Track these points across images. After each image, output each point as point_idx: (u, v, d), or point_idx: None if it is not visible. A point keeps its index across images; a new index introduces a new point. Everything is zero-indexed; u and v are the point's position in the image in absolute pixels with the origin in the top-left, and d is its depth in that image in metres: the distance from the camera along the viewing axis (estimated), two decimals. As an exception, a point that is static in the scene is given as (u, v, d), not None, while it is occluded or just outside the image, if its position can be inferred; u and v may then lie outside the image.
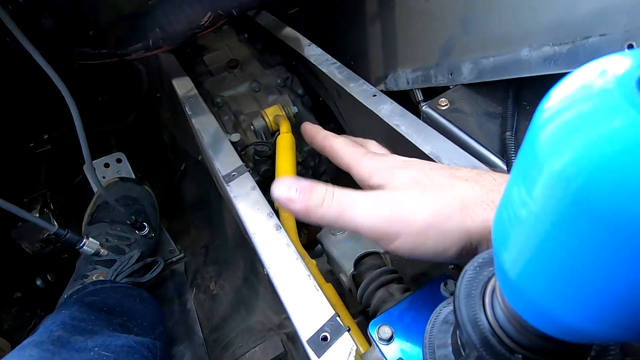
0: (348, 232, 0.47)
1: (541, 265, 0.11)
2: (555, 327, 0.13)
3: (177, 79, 0.78)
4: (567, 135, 0.09)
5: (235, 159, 0.53)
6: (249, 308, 0.76)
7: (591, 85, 0.09)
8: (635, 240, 0.08)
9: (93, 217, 0.75)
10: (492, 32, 0.49)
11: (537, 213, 0.10)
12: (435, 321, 0.26)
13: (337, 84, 0.62)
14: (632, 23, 0.34)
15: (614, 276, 0.09)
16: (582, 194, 0.08)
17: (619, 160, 0.08)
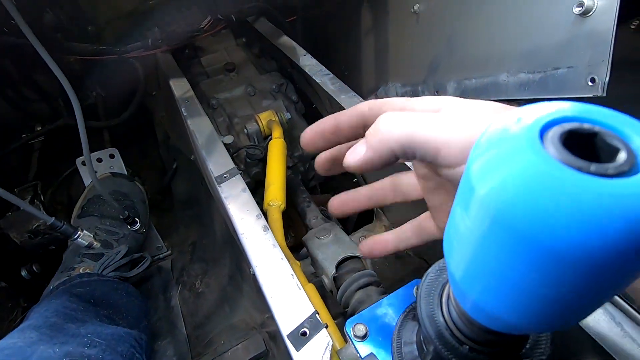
0: (332, 236, 0.50)
1: (475, 270, 0.14)
2: (491, 322, 0.16)
3: (175, 80, 0.79)
4: (488, 169, 0.12)
5: (227, 161, 0.55)
6: (233, 306, 0.78)
7: (508, 130, 0.12)
8: (537, 252, 0.11)
9: (83, 211, 0.76)
10: (475, 55, 0.53)
11: (471, 228, 0.13)
12: (403, 321, 0.29)
13: (329, 94, 0.65)
14: (595, 58, 0.37)
15: (525, 279, 0.12)
16: (497, 214, 0.11)
17: (520, 192, 0.11)
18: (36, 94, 1.05)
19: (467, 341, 0.19)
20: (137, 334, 0.54)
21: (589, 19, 0.37)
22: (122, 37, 1.10)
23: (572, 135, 0.11)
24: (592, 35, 0.37)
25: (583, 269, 0.10)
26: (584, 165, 0.10)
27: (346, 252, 0.46)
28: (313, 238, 0.50)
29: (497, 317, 0.15)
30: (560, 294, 0.12)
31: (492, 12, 0.48)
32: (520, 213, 0.11)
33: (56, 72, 0.54)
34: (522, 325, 0.14)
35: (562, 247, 0.10)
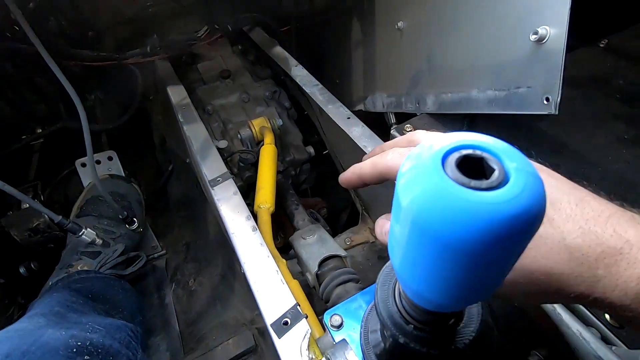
0: (317, 237, 0.54)
1: (407, 263, 0.18)
2: (425, 302, 0.20)
3: (172, 87, 0.83)
4: (407, 186, 0.16)
5: (220, 165, 0.59)
6: (225, 304, 0.81)
7: (421, 155, 0.16)
8: (436, 244, 0.15)
9: (82, 210, 0.80)
10: (450, 72, 0.57)
11: (401, 232, 0.17)
12: (370, 312, 0.33)
13: (318, 105, 0.70)
14: (548, 81, 0.42)
15: (434, 265, 0.16)
16: (413, 219, 0.15)
17: (425, 202, 0.15)
18: (36, 96, 1.08)
19: (412, 321, 0.23)
20: (133, 327, 0.57)
21: (543, 45, 0.41)
22: (121, 43, 1.14)
23: (467, 159, 0.15)
24: (546, 60, 0.41)
25: (465, 255, 0.14)
26: (466, 181, 0.14)
27: (329, 251, 0.50)
28: (299, 238, 0.54)
29: (427, 298, 0.19)
30: (458, 275, 0.16)
31: (464, 33, 0.53)
32: (425, 217, 0.15)
33: (61, 78, 0.58)
34: (444, 303, 0.19)
35: (449, 239, 0.14)
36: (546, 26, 0.41)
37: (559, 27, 0.40)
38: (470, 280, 0.16)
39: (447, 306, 0.19)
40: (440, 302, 0.18)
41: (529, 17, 0.42)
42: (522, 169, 0.14)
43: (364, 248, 0.69)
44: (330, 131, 0.75)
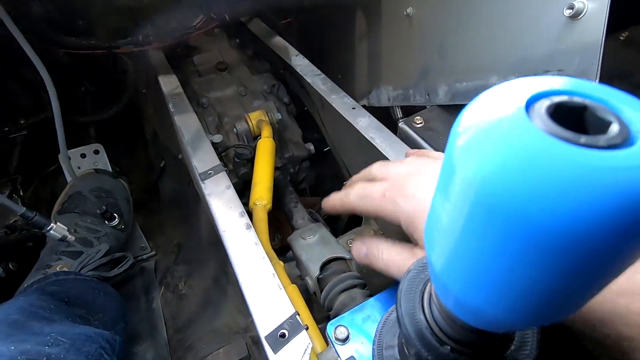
0: (318, 237, 0.49)
1: (457, 260, 0.13)
2: (474, 318, 0.15)
3: (164, 76, 0.78)
4: (472, 147, 0.11)
5: (213, 158, 0.53)
6: (217, 310, 0.76)
7: (495, 100, 0.11)
8: (524, 233, 0.10)
9: (63, 207, 0.74)
10: (465, 60, 0.52)
11: (452, 213, 0.12)
12: (385, 323, 0.27)
13: (320, 95, 0.65)
14: (583, 63, 0.37)
15: (512, 265, 0.11)
16: (479, 193, 0.10)
17: (503, 167, 0.10)
18: (21, 87, 1.03)
19: (448, 341, 0.18)
20: (110, 336, 0.52)
21: (578, 22, 0.37)
22: (114, 33, 1.09)
23: (561, 108, 0.10)
24: (582, 39, 0.36)
25: (575, 250, 0.09)
26: (573, 137, 0.09)
27: (332, 253, 0.45)
28: (298, 238, 0.48)
29: (481, 312, 0.14)
30: (550, 280, 0.11)
31: (484, 16, 0.48)
32: (504, 190, 0.10)
33: (37, 64, 0.53)
34: (507, 320, 0.13)
35: (551, 225, 0.09)
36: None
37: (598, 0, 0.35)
38: (562, 289, 0.11)
39: (510, 324, 0.14)
40: (503, 317, 0.13)
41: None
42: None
43: (367, 251, 0.63)
44: (333, 124, 0.70)
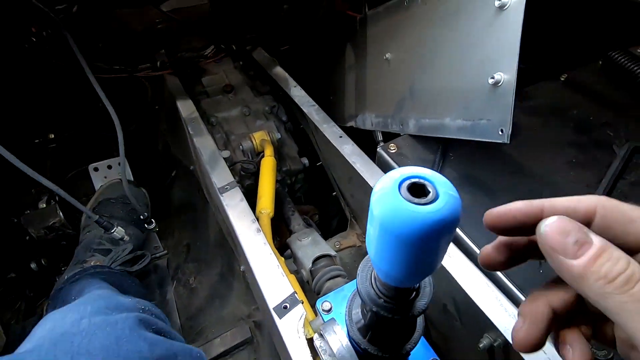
0: (311, 239, 0.63)
1: (378, 252, 0.27)
2: (390, 279, 0.29)
3: (181, 101, 0.91)
4: (377, 203, 0.25)
5: (228, 175, 0.67)
6: (223, 301, 0.89)
7: (386, 181, 0.25)
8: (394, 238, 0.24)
9: (94, 211, 0.87)
10: (428, 101, 0.67)
11: (373, 231, 0.26)
12: (353, 297, 0.41)
13: (314, 123, 0.79)
14: (503, 116, 0.52)
15: (394, 252, 0.25)
16: (382, 223, 0.24)
17: (387, 212, 0.24)
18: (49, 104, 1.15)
19: (383, 297, 0.32)
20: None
21: (498, 88, 0.51)
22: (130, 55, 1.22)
23: (415, 185, 0.24)
24: (500, 100, 0.51)
25: (411, 245, 0.23)
26: (412, 199, 0.23)
27: (321, 251, 0.59)
28: (295, 240, 0.62)
29: (391, 276, 0.28)
30: (408, 259, 0.25)
31: (439, 70, 0.63)
32: (388, 221, 0.24)
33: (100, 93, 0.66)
34: (402, 278, 0.27)
35: (401, 235, 0.23)
36: (501, 72, 0.51)
37: (510, 74, 0.50)
38: (415, 262, 0.25)
39: (405, 281, 0.28)
40: (399, 277, 0.27)
41: (489, 64, 0.52)
42: (447, 191, 0.24)
43: (351, 251, 0.77)
44: (324, 147, 0.84)
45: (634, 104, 0.79)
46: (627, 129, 0.74)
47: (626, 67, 0.82)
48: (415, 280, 0.28)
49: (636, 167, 0.67)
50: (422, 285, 0.32)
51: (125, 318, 0.33)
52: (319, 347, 0.42)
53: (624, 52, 0.84)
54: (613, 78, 0.86)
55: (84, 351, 0.28)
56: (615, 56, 0.85)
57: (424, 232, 0.23)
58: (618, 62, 0.84)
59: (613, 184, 0.63)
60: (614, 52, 0.85)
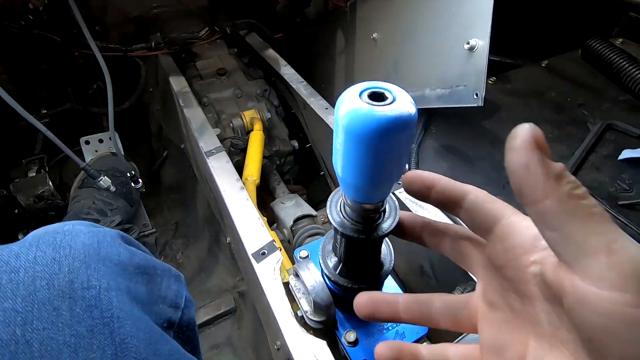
0: (294, 202, 0.64)
1: (345, 163, 0.29)
2: (356, 193, 0.31)
3: (174, 77, 0.93)
4: (343, 111, 0.27)
5: (215, 141, 0.69)
6: (209, 273, 0.90)
7: (349, 92, 0.27)
8: (357, 140, 0.26)
9: (83, 183, 0.88)
10: (411, 75, 0.70)
11: (340, 142, 0.28)
12: (327, 237, 0.43)
13: (302, 98, 0.81)
14: (478, 80, 0.54)
15: (358, 156, 0.27)
16: (346, 129, 0.26)
17: (351, 116, 0.26)
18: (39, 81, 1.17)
19: (349, 219, 0.34)
20: None
21: (474, 53, 0.54)
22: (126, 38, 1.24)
23: (374, 92, 0.27)
24: (476, 64, 0.54)
25: (375, 145, 0.25)
26: (373, 102, 0.25)
27: (303, 212, 0.60)
28: (278, 203, 0.64)
29: (358, 187, 0.30)
30: (372, 162, 0.26)
31: (420, 44, 0.66)
32: (352, 124, 0.26)
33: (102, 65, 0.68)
34: (368, 187, 0.29)
35: (365, 135, 0.25)
36: (476, 38, 0.53)
37: (484, 39, 0.52)
38: (378, 166, 0.27)
39: (370, 191, 0.30)
40: (364, 187, 0.29)
41: (464, 31, 0.55)
42: (402, 95, 0.26)
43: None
44: (312, 124, 0.86)
45: (609, 88, 0.82)
46: (602, 110, 0.77)
47: (603, 55, 0.86)
48: (379, 190, 0.30)
49: (608, 142, 0.69)
50: (388, 209, 0.34)
51: (109, 230, 0.35)
52: (293, 287, 0.44)
53: (601, 41, 0.88)
54: (591, 65, 0.89)
55: (66, 245, 0.30)
56: (593, 45, 0.88)
57: (383, 128, 0.25)
58: (596, 50, 0.87)
59: (585, 157, 0.66)
60: (592, 41, 0.89)
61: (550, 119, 0.75)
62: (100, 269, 0.30)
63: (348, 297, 0.43)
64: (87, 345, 0.26)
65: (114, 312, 0.28)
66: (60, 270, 0.28)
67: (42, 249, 0.29)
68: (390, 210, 0.34)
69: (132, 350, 0.27)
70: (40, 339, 0.25)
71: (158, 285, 0.36)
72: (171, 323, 0.36)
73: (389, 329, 0.43)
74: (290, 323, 0.42)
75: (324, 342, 0.40)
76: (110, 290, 0.29)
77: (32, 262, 0.28)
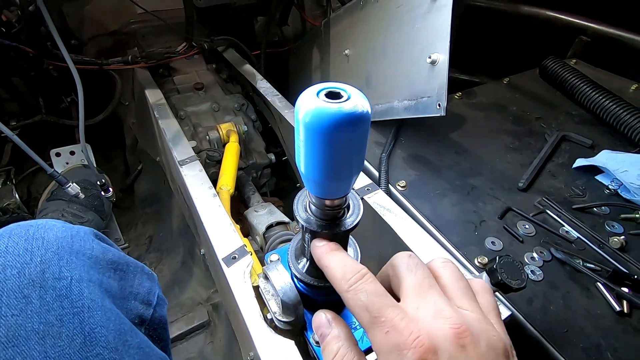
0: (267, 210, 0.65)
1: (307, 160, 0.30)
2: (319, 189, 0.32)
3: (150, 90, 0.94)
4: (301, 109, 0.28)
5: (189, 151, 0.69)
6: (183, 287, 0.88)
7: (308, 92, 0.29)
8: (317, 135, 0.28)
9: (53, 195, 0.86)
10: (381, 89, 0.73)
11: (302, 139, 0.30)
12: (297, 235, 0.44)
13: (277, 110, 0.83)
14: (440, 92, 0.58)
15: (318, 151, 0.29)
16: (307, 126, 0.28)
17: (312, 114, 0.27)
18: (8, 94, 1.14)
19: (314, 216, 0.35)
20: None
21: (435, 67, 0.58)
22: (103, 52, 1.24)
23: (331, 92, 0.29)
24: (437, 77, 0.57)
25: (333, 140, 0.27)
26: (328, 100, 0.27)
27: (276, 219, 0.61)
28: (252, 212, 0.65)
29: (320, 183, 0.31)
30: (332, 157, 0.28)
31: (388, 59, 0.70)
32: (312, 121, 0.27)
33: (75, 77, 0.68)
34: (329, 182, 0.31)
35: (323, 130, 0.27)
36: (437, 53, 0.57)
37: (444, 54, 0.56)
38: (337, 159, 0.29)
39: (332, 186, 0.31)
40: (326, 183, 0.31)
41: (427, 47, 0.59)
42: (357, 94, 0.28)
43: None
44: (288, 135, 0.88)
45: (564, 103, 0.88)
46: (557, 122, 0.82)
47: (558, 73, 0.92)
48: (340, 184, 0.31)
49: (563, 152, 0.74)
50: (352, 206, 0.36)
51: (82, 227, 0.34)
52: (263, 290, 0.44)
53: (557, 61, 0.95)
54: (547, 82, 0.96)
55: (39, 237, 0.29)
56: (550, 64, 0.95)
57: (340, 123, 0.26)
58: (552, 69, 0.94)
59: (543, 165, 0.70)
60: (549, 61, 0.96)
61: (511, 131, 0.79)
62: (72, 261, 0.30)
63: (317, 297, 0.43)
64: (56, 333, 0.26)
65: (84, 302, 0.28)
66: (32, 260, 0.28)
67: (14, 240, 0.29)
68: (354, 208, 0.36)
69: (101, 339, 0.27)
70: (8, 325, 0.25)
71: (130, 282, 0.36)
72: (142, 319, 0.36)
73: (356, 329, 0.43)
74: (260, 326, 0.42)
75: (292, 341, 0.40)
76: (82, 282, 0.29)
77: (3, 251, 0.28)
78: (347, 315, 0.45)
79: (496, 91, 0.94)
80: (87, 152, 1.03)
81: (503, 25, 1.21)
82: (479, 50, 1.22)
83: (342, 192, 0.33)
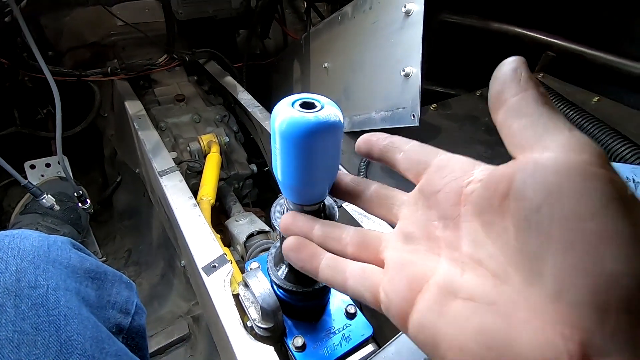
0: (248, 220, 0.65)
1: (283, 167, 0.32)
2: (297, 195, 0.33)
3: (129, 101, 0.93)
4: (279, 119, 0.30)
5: (169, 161, 0.69)
6: (162, 301, 0.87)
7: (283, 103, 0.30)
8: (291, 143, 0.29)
9: (27, 208, 0.83)
10: (358, 101, 0.76)
11: (278, 147, 0.31)
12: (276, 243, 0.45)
13: (258, 122, 0.84)
14: (414, 103, 0.61)
15: (293, 157, 0.30)
16: (282, 134, 0.29)
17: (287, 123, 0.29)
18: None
19: (293, 223, 0.36)
20: None
21: (409, 79, 0.60)
22: (81, 64, 1.23)
23: (305, 102, 0.30)
24: (411, 89, 0.60)
25: (306, 147, 0.28)
26: (303, 110, 0.29)
27: (256, 228, 0.62)
28: (233, 221, 0.65)
29: (296, 189, 0.32)
30: (306, 163, 0.29)
31: (366, 72, 0.72)
32: (287, 129, 0.29)
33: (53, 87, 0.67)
34: (305, 188, 0.32)
35: (297, 138, 0.28)
36: (410, 66, 0.60)
37: (417, 67, 0.59)
38: (312, 165, 0.30)
39: (307, 191, 0.33)
40: (302, 188, 0.32)
41: (401, 60, 0.62)
42: (329, 104, 0.29)
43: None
44: (269, 146, 0.89)
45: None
46: (527, 132, 0.86)
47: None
48: (315, 189, 0.33)
49: (532, 160, 0.78)
50: (328, 212, 0.37)
51: (59, 237, 0.34)
52: (242, 297, 0.44)
53: (525, 74, 1.00)
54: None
55: (15, 246, 0.29)
56: (518, 77, 1.00)
57: (314, 130, 0.28)
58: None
59: (513, 172, 0.74)
60: (517, 74, 1.01)
61: (483, 140, 0.83)
62: (49, 270, 0.30)
63: (297, 303, 0.44)
64: (31, 342, 0.25)
65: (61, 310, 0.28)
66: (7, 269, 0.28)
67: None
68: (332, 215, 0.37)
69: (78, 347, 0.27)
70: None
71: (108, 291, 0.36)
72: (120, 328, 0.36)
73: (335, 333, 0.44)
74: (240, 333, 0.43)
75: (272, 347, 0.41)
76: (58, 290, 0.29)
77: None
78: (326, 320, 0.45)
79: (470, 103, 0.98)
80: (64, 163, 1.01)
81: (476, 40, 1.27)
82: (455, 63, 1.27)
83: (317, 197, 0.35)
